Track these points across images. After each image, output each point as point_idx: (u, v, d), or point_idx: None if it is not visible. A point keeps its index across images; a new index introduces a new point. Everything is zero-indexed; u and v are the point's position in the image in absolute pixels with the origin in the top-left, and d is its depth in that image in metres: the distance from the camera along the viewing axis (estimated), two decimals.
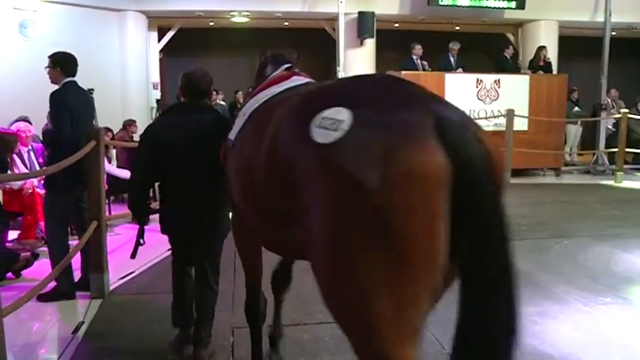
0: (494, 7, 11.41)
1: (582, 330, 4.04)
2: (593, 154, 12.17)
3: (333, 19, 10.88)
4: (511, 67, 11.34)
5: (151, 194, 8.02)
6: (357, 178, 1.58)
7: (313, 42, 13.08)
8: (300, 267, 5.20)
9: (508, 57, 11.57)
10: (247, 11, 11.51)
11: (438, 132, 1.62)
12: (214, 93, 11.23)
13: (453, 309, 4.20)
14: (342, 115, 1.69)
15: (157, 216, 7.17)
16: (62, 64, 4.63)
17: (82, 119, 4.62)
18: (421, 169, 1.57)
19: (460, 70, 10.74)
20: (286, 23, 12.93)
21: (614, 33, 12.53)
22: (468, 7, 11.20)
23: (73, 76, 4.68)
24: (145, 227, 3.79)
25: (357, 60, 11.12)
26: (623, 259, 5.66)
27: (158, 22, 11.91)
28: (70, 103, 4.51)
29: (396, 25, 12.82)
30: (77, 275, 4.81)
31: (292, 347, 3.71)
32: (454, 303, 4.25)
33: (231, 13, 11.66)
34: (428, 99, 1.83)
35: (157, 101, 11.91)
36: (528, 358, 3.58)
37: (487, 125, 10.25)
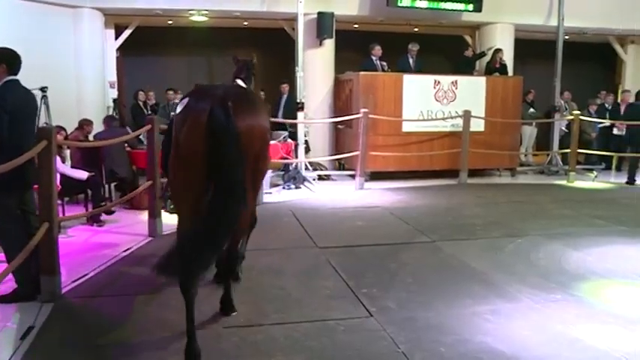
0: (452, 10, 11.52)
1: (534, 326, 4.12)
2: (547, 155, 12.44)
3: (293, 19, 10.85)
4: (472, 67, 11.50)
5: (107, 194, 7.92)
6: (176, 125, 3.65)
7: (272, 42, 13.03)
8: (256, 269, 5.23)
9: (469, 56, 11.78)
10: (206, 10, 11.40)
11: (210, 110, 3.47)
12: (172, 92, 11.12)
13: (404, 312, 4.27)
14: (185, 100, 3.74)
15: (111, 217, 7.05)
16: (7, 60, 4.49)
17: (22, 120, 4.45)
18: (194, 122, 3.51)
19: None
20: (245, 23, 12.85)
21: (567, 37, 12.81)
22: (426, 9, 11.29)
23: (16, 74, 4.51)
24: (100, 228, 3.71)
25: (317, 60, 11.13)
26: (574, 257, 5.80)
27: (115, 20, 11.70)
28: (9, 104, 4.34)
29: (356, 25, 12.87)
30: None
31: (246, 348, 3.71)
32: (407, 308, 4.31)
33: (190, 12, 11.53)
34: (221, 96, 3.58)
35: (114, 100, 11.71)
36: (481, 355, 3.66)
37: (445, 126, 10.41)
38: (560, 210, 8.14)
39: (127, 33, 11.82)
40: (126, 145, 8.15)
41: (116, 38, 11.89)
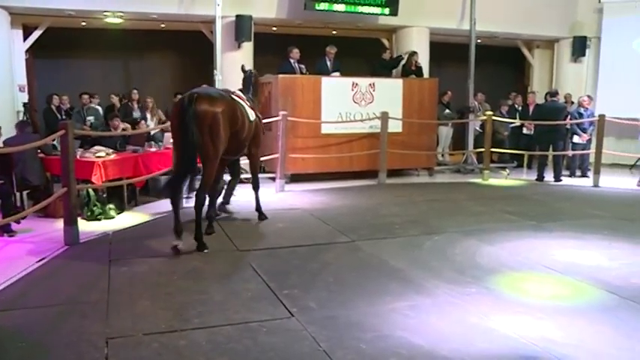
0: (369, 13, 11.73)
1: (450, 319, 4.28)
2: (463, 154, 12.87)
3: (211, 21, 10.76)
4: (389, 69, 11.72)
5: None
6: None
7: (190, 45, 12.90)
8: (177, 274, 5.16)
9: (387, 59, 12.00)
10: (121, 12, 11.11)
11: (181, 99, 5.87)
12: (87, 96, 10.80)
13: (325, 311, 4.32)
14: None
15: (25, 226, 6.79)
16: None
17: None
18: (175, 107, 6.12)
19: (337, 73, 10.98)
20: (163, 25, 12.65)
21: (479, 41, 13.30)
22: (343, 12, 11.44)
23: None
24: (12, 239, 3.63)
25: (235, 63, 10.95)
26: (488, 252, 6.04)
27: (23, 20, 11.22)
28: None
29: (274, 28, 12.90)
30: None
31: (168, 355, 3.66)
32: (328, 307, 4.36)
33: (104, 14, 11.21)
34: (193, 92, 5.85)
35: (24, 105, 11.25)
36: (400, 350, 3.76)
37: (363, 127, 10.57)
38: (476, 207, 8.44)
39: (36, 34, 11.38)
40: (39, 151, 7.85)
41: (25, 39, 11.42)
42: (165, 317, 4.22)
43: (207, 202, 6.38)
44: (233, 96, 6.52)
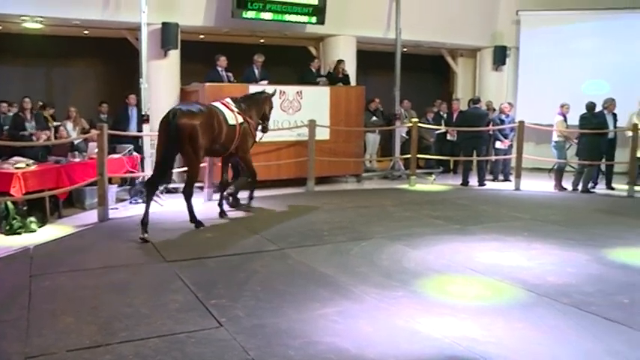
0: (297, 22, 11.79)
1: (378, 324, 4.37)
2: (390, 161, 13.11)
3: (136, 29, 10.56)
4: (315, 79, 11.80)
5: None
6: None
7: (115, 52, 12.61)
8: (101, 287, 5.04)
9: (314, 70, 12.07)
10: (41, 17, 10.71)
11: (171, 114, 7.04)
12: (5, 105, 10.40)
13: (253, 319, 4.33)
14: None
15: None
16: None
17: None
18: (162, 123, 7.11)
19: (264, 82, 11.00)
20: (86, 32, 12.32)
21: (405, 49, 13.61)
22: (271, 20, 11.47)
23: None
24: None
25: (161, 71, 10.89)
26: (414, 256, 6.19)
27: None
28: None
29: (201, 36, 12.78)
30: None
31: None
32: (257, 316, 4.37)
33: (22, 18, 10.78)
34: (177, 107, 7.34)
35: None
36: (329, 355, 3.81)
37: (291, 135, 10.62)
38: (402, 212, 8.62)
39: None
40: None
41: None
42: (89, 332, 4.12)
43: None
44: (215, 105, 7.92)
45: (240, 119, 8.05)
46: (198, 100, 10.22)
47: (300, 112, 10.70)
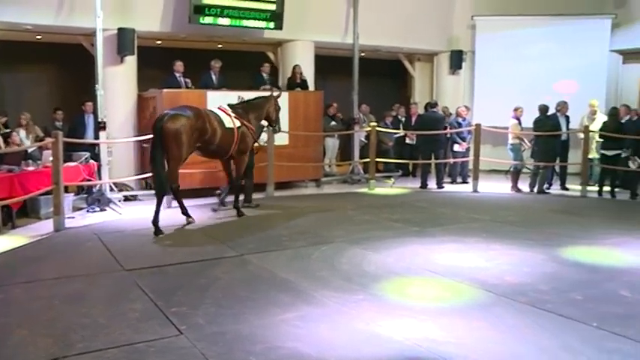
0: (254, 27, 11.77)
1: (339, 327, 4.37)
2: (350, 165, 13.16)
3: (91, 34, 10.38)
4: (265, 83, 11.70)
5: None
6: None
7: (70, 58, 12.39)
8: (58, 298, 4.94)
9: (264, 75, 12.00)
10: None
11: (159, 118, 7.68)
12: None
13: (214, 326, 4.30)
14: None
15: None
16: None
17: None
18: (152, 126, 7.71)
19: (223, 89, 10.96)
20: (39, 37, 12.06)
21: (362, 54, 13.71)
22: (228, 26, 11.42)
23: None
24: None
25: (118, 77, 10.74)
26: (374, 260, 6.22)
27: None
28: None
29: (159, 42, 12.65)
30: None
31: None
32: (217, 322, 4.34)
33: None
34: (165, 112, 7.82)
35: None
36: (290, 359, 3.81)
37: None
38: (362, 216, 8.67)
39: None
40: None
41: None
42: (45, 345, 4.03)
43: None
44: (212, 110, 8.43)
45: (238, 123, 8.40)
46: (155, 106, 10.15)
47: None
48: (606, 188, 10.87)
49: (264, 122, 9.18)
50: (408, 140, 13.15)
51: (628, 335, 4.21)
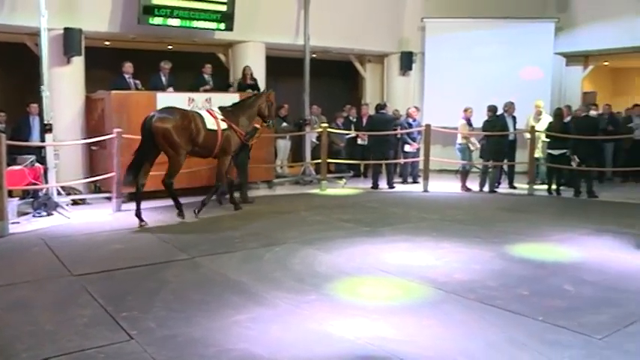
0: (205, 28, 11.67)
1: (291, 328, 4.40)
2: (302, 166, 13.18)
3: (36, 34, 10.11)
4: (207, 84, 11.58)
5: None
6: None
7: (13, 58, 12.06)
8: (2, 306, 4.81)
9: (206, 76, 11.79)
10: None
11: (148, 118, 8.04)
12: None
13: (165, 330, 4.27)
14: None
15: None
16: None
17: None
18: (142, 125, 8.06)
19: (171, 89, 10.84)
20: None
21: (314, 55, 13.75)
22: (178, 27, 11.29)
23: None
24: None
25: (65, 79, 10.49)
26: (326, 260, 6.26)
27: None
28: None
29: (107, 42, 12.43)
30: None
31: None
32: (168, 326, 4.29)
33: None
34: (154, 112, 8.25)
35: None
36: None
37: None
38: (314, 217, 8.70)
39: None
40: None
41: None
42: None
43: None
44: (197, 111, 8.80)
45: (224, 125, 8.73)
46: (104, 108, 9.98)
47: None
48: (553, 187, 11.19)
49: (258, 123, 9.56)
50: (359, 141, 13.24)
51: (570, 327, 4.38)
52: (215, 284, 5.44)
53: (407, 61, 15.10)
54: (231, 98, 10.85)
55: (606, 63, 16.24)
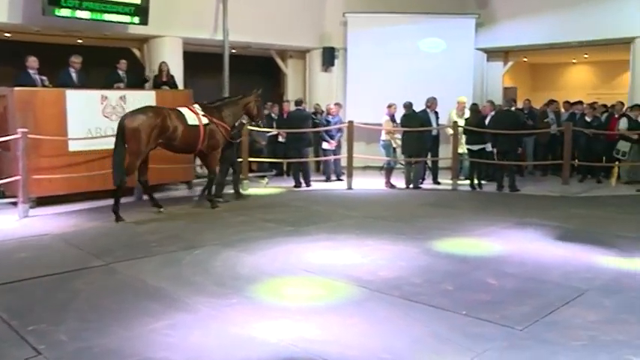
0: (117, 22, 11.18)
1: (212, 333, 4.24)
2: None
3: None
4: (121, 80, 11.13)
5: None
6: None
7: None
8: None
9: (120, 72, 11.27)
10: None
11: (123, 117, 8.43)
12: None
13: (78, 342, 3.99)
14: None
15: None
16: None
17: None
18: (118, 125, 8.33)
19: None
20: None
21: (234, 50, 13.49)
22: (89, 20, 10.75)
23: None
24: None
25: None
26: (248, 261, 6.09)
27: None
28: None
29: (7, 35, 11.68)
30: None
31: None
32: (82, 338, 4.03)
33: None
34: (129, 111, 8.62)
35: None
36: None
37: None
38: (236, 217, 8.48)
39: None
40: None
41: None
42: None
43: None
44: (176, 108, 8.85)
45: (205, 120, 8.90)
46: (6, 105, 9.36)
47: None
48: (475, 181, 11.40)
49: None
50: (280, 138, 13.08)
51: (492, 320, 4.44)
52: (132, 291, 5.16)
53: (329, 56, 15.06)
54: (147, 95, 10.51)
55: (525, 59, 16.80)
